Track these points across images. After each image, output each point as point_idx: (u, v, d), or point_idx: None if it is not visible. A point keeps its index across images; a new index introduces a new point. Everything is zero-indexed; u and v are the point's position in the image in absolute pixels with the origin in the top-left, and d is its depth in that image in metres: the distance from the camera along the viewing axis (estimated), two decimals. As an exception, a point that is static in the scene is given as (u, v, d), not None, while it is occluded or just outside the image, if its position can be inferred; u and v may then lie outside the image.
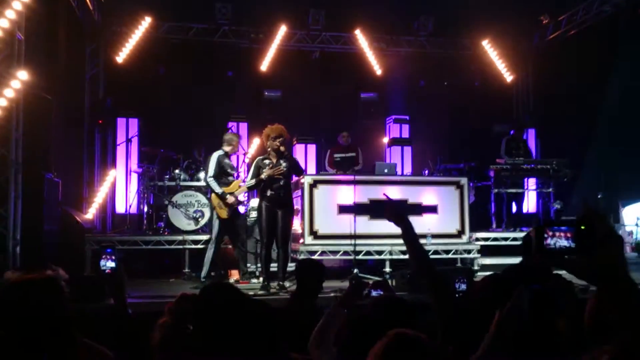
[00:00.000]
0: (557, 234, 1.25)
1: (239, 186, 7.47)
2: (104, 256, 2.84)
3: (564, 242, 1.25)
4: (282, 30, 11.06)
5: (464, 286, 3.05)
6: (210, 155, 7.46)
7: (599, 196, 9.09)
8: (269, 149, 6.90)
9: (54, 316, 2.05)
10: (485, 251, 8.76)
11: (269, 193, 6.83)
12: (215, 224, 7.38)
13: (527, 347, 1.92)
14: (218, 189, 7.23)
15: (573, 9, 10.74)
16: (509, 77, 12.07)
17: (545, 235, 1.26)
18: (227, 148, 7.57)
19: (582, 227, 1.24)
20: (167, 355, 2.54)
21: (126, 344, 2.62)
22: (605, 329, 1.55)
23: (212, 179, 7.28)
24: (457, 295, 2.95)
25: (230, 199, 7.23)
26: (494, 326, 1.58)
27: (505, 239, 8.99)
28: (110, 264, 2.83)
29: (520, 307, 1.48)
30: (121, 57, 10.50)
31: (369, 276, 7.37)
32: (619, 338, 1.36)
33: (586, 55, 10.47)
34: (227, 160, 7.54)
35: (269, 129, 6.91)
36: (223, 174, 7.42)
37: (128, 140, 10.09)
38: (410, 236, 2.66)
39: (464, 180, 8.82)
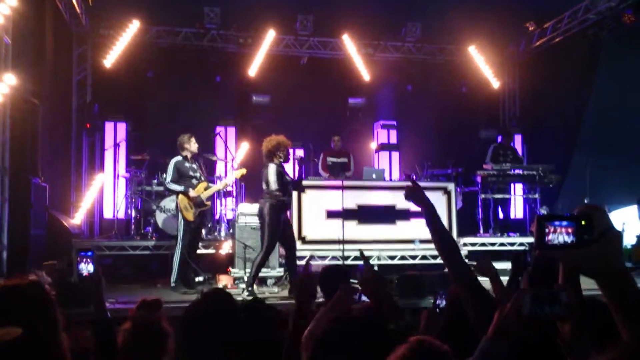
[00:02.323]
0: (558, 228, 1.27)
1: (205, 189, 7.48)
2: (82, 259, 2.83)
3: (564, 237, 1.26)
4: (271, 35, 11.08)
5: (443, 302, 3.03)
6: (170, 161, 7.51)
7: (585, 201, 9.18)
8: (280, 160, 7.00)
9: (41, 321, 2.03)
10: (473, 256, 8.82)
11: (284, 198, 6.94)
12: (181, 226, 7.36)
13: (527, 350, 1.94)
14: (179, 187, 7.29)
15: (558, 16, 10.87)
16: (495, 83, 12.18)
17: (546, 230, 1.27)
18: (184, 152, 7.52)
19: (582, 222, 1.25)
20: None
21: (105, 349, 2.62)
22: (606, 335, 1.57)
23: (170, 183, 7.37)
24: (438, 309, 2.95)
25: (192, 194, 7.29)
26: (492, 328, 1.59)
27: (493, 244, 9.06)
28: (89, 267, 2.82)
29: (521, 309, 1.49)
30: (109, 61, 10.46)
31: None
32: (618, 344, 1.38)
33: (571, 62, 10.61)
34: (187, 164, 7.48)
35: (285, 142, 7.07)
36: (184, 179, 7.41)
37: (116, 145, 10.05)
38: (433, 216, 2.58)
39: (451, 186, 8.89)
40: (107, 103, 10.53)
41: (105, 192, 10.37)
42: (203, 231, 8.29)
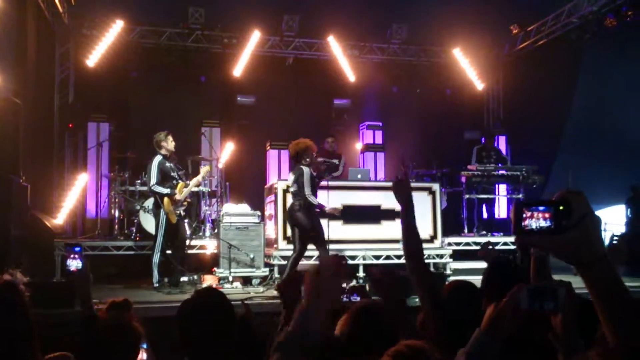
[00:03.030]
0: (535, 214, 1.24)
1: (183, 189, 7.42)
2: (70, 255, 2.79)
3: (542, 223, 1.23)
4: (256, 35, 11.06)
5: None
6: (151, 161, 7.34)
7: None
8: (309, 165, 7.10)
9: (13, 322, 1.99)
10: (457, 255, 8.87)
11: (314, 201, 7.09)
12: (161, 228, 7.29)
13: (519, 344, 1.95)
14: (165, 190, 7.22)
15: (542, 19, 10.98)
16: (480, 85, 12.26)
17: (524, 216, 1.25)
18: (162, 151, 7.42)
19: (561, 207, 1.22)
20: None
21: (92, 346, 2.58)
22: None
23: (155, 185, 7.23)
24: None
25: (178, 196, 7.27)
26: (486, 320, 1.59)
27: (477, 243, 9.11)
28: (77, 263, 2.79)
29: (517, 303, 1.48)
30: (92, 60, 10.36)
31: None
32: (603, 342, 1.38)
33: (555, 65, 10.71)
34: (168, 164, 7.40)
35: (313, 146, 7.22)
36: (166, 179, 7.33)
37: (99, 145, 9.95)
38: (409, 218, 2.86)
39: (436, 186, 8.93)
40: (90, 103, 10.44)
41: (88, 192, 10.26)
42: (187, 230, 8.21)
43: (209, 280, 7.59)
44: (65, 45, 10.59)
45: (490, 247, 6.33)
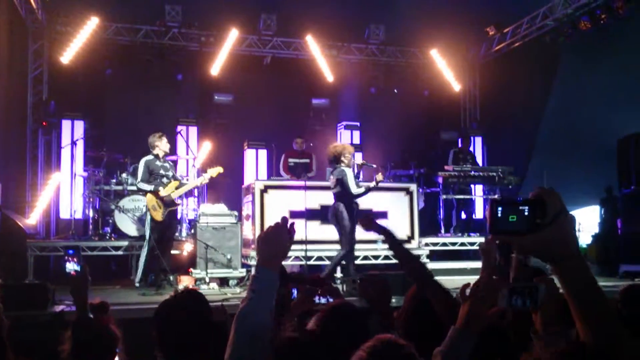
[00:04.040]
0: (509, 212, 1.24)
1: (176, 188, 7.41)
2: (67, 258, 2.77)
3: (515, 220, 1.23)
4: (234, 34, 10.99)
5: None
6: (140, 160, 7.53)
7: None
8: (345, 164, 7.28)
9: None
10: (434, 256, 8.93)
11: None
12: (148, 226, 7.34)
13: (494, 339, 1.96)
14: (149, 187, 7.31)
15: (517, 22, 11.10)
16: (457, 86, 12.35)
17: (498, 215, 1.25)
18: (155, 151, 7.51)
19: (535, 206, 1.23)
20: None
21: (84, 349, 2.53)
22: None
23: (140, 182, 7.41)
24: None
25: (162, 193, 7.27)
26: (462, 317, 1.60)
27: (454, 243, 9.19)
28: (74, 267, 2.77)
29: (499, 301, 1.49)
30: (66, 57, 10.19)
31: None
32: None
33: (530, 66, 10.85)
34: (157, 163, 7.47)
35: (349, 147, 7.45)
36: (154, 177, 7.41)
37: (73, 143, 9.80)
38: (396, 242, 2.96)
39: (413, 187, 8.97)
40: (64, 100, 10.26)
41: (62, 191, 10.09)
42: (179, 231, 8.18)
43: (185, 281, 7.51)
44: (38, 42, 10.40)
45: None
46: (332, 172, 7.43)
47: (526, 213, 1.24)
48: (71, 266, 2.79)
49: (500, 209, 1.25)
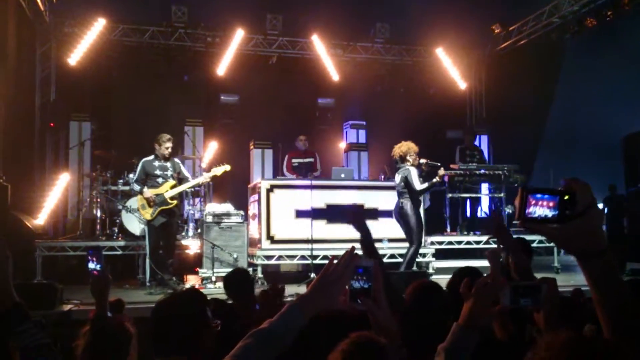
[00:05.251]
0: (540, 202, 1.23)
1: (171, 187, 7.44)
2: (89, 258, 2.84)
3: (546, 211, 1.22)
4: (239, 34, 11.03)
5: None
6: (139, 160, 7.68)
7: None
8: (410, 163, 7.56)
9: None
10: (440, 254, 8.92)
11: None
12: (145, 227, 7.51)
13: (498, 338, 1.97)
14: (137, 187, 7.45)
15: (523, 19, 11.08)
16: (462, 85, 12.34)
17: (528, 203, 1.23)
18: (156, 152, 7.57)
19: (566, 197, 1.22)
20: None
21: (103, 346, 2.57)
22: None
23: (133, 182, 7.57)
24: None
25: (147, 194, 7.31)
26: (464, 314, 1.61)
27: (460, 242, 9.17)
28: (96, 266, 2.83)
29: (501, 300, 1.50)
30: (74, 59, 10.27)
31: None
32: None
33: (536, 64, 10.82)
34: (155, 163, 7.51)
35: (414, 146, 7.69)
36: (150, 177, 7.46)
37: (81, 144, 9.87)
38: (367, 241, 2.90)
39: (419, 185, 8.96)
40: (71, 102, 10.34)
41: (70, 192, 10.17)
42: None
43: (191, 281, 7.57)
44: (46, 44, 10.48)
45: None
46: (397, 171, 7.70)
47: (557, 203, 1.22)
48: (92, 265, 2.85)
49: (530, 197, 1.24)
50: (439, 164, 8.27)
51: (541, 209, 1.22)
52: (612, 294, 1.23)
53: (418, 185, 7.42)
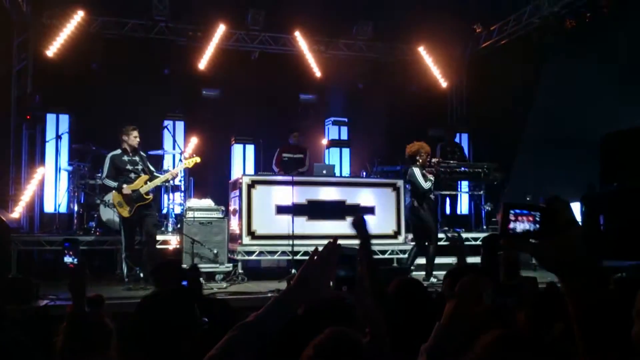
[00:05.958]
0: (520, 217, 1.26)
1: (145, 183, 7.29)
2: (65, 251, 2.76)
3: (527, 226, 1.26)
4: (221, 29, 10.95)
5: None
6: (106, 155, 7.40)
7: (527, 198, 9.46)
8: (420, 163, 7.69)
9: None
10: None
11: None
12: (120, 224, 7.27)
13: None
14: (113, 184, 7.19)
15: (504, 19, 11.16)
16: (444, 83, 12.41)
17: (509, 219, 1.26)
18: (123, 145, 7.37)
19: (547, 213, 1.25)
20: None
21: (81, 342, 2.52)
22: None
23: (105, 179, 7.26)
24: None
25: (126, 190, 7.13)
26: (447, 315, 1.61)
27: (440, 239, 9.20)
28: (72, 260, 2.76)
29: (485, 299, 1.50)
30: (52, 51, 10.10)
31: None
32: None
33: (517, 64, 10.90)
34: (125, 158, 7.32)
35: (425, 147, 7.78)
36: (121, 173, 7.26)
37: (58, 137, 9.70)
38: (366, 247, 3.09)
39: (400, 182, 8.99)
40: (49, 94, 10.16)
41: (46, 185, 10.01)
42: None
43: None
44: (23, 35, 10.27)
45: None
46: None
47: (538, 219, 1.26)
48: (69, 259, 2.77)
49: (512, 212, 1.27)
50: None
51: (522, 224, 1.26)
52: (591, 309, 1.23)
53: (423, 183, 7.56)
